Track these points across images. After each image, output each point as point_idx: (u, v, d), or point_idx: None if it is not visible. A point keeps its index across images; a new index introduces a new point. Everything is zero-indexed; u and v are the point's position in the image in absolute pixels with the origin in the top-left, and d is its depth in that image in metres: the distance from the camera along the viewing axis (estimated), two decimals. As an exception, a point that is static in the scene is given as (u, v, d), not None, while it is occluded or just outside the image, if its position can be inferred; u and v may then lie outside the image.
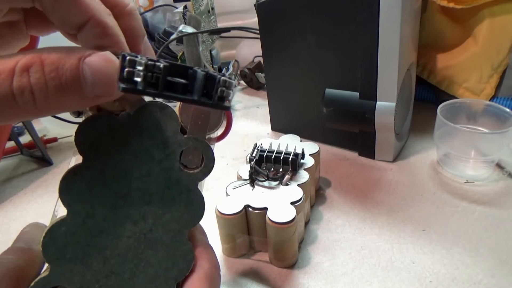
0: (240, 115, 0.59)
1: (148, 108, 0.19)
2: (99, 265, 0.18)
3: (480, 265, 0.30)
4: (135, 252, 0.18)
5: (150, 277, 0.19)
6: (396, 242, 0.33)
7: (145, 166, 0.19)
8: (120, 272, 0.18)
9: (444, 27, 0.50)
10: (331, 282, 0.30)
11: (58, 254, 0.17)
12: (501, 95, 0.48)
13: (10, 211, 0.43)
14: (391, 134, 0.42)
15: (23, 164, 0.52)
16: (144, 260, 0.19)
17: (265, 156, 0.36)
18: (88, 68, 0.15)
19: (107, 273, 0.18)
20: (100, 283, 0.18)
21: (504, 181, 0.40)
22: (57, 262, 0.17)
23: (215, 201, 0.32)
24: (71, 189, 0.17)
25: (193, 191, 0.19)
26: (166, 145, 0.19)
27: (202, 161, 0.19)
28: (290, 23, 0.44)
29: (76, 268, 0.17)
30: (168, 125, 0.19)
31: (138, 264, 0.18)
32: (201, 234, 0.21)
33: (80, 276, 0.18)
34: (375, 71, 0.39)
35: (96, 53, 0.15)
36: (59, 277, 0.17)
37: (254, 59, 0.67)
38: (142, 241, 0.19)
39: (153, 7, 0.83)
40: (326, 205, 0.39)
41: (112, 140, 0.18)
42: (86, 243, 0.18)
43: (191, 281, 0.19)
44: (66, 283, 0.17)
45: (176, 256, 0.19)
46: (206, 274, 0.19)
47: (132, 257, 0.18)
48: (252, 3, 0.49)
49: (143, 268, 0.19)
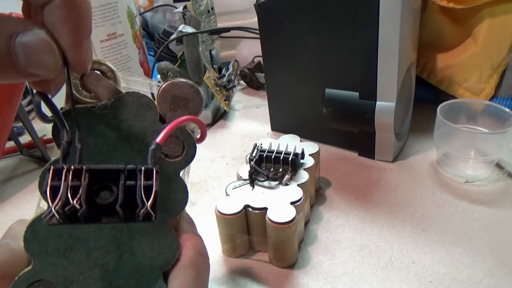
0: (240, 115, 0.59)
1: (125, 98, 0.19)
2: (82, 257, 0.18)
3: (480, 265, 0.30)
4: (118, 243, 0.18)
5: (135, 267, 0.18)
6: (396, 242, 0.33)
7: (124, 157, 0.19)
8: (103, 263, 0.18)
9: (444, 27, 0.50)
10: (331, 282, 0.30)
11: (40, 247, 0.17)
12: (501, 95, 0.48)
13: (10, 211, 0.43)
14: (391, 134, 0.42)
15: (23, 164, 0.52)
16: (127, 251, 0.18)
17: (265, 156, 0.36)
18: (20, 47, 0.14)
19: (90, 264, 0.18)
20: (84, 275, 0.18)
21: (504, 181, 0.40)
22: (39, 255, 0.17)
23: (215, 201, 0.32)
24: None
25: (175, 179, 0.19)
26: (145, 134, 0.19)
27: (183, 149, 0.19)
28: (290, 23, 0.44)
29: (59, 261, 0.17)
30: (146, 115, 0.19)
31: (122, 255, 0.18)
32: (187, 222, 0.20)
33: (63, 268, 0.18)
34: (375, 71, 0.39)
35: (31, 30, 0.15)
36: (42, 270, 0.17)
37: (254, 59, 0.67)
38: (125, 232, 0.18)
39: (153, 7, 0.83)
40: (326, 205, 0.39)
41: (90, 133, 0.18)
42: (68, 235, 0.18)
43: (176, 269, 0.18)
44: (50, 276, 0.17)
45: (161, 246, 0.19)
46: (191, 262, 0.19)
47: (115, 248, 0.18)
48: (252, 3, 0.49)
49: (128, 259, 0.18)
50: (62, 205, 0.14)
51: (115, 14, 0.54)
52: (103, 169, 0.16)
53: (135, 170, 0.16)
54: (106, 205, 0.15)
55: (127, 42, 0.57)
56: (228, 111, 0.59)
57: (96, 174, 0.15)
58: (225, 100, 0.58)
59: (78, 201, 0.15)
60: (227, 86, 0.59)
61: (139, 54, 0.60)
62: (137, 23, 0.60)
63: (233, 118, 0.59)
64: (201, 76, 0.56)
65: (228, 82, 0.59)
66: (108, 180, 0.16)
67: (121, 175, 0.16)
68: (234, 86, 0.60)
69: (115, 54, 0.56)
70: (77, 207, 0.15)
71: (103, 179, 0.16)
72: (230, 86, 0.59)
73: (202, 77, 0.56)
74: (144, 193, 0.16)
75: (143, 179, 0.16)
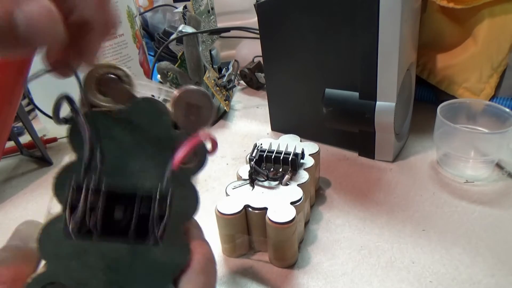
0: (240, 115, 0.59)
1: (141, 103, 0.19)
2: (95, 261, 0.18)
3: (480, 265, 0.30)
4: (132, 247, 0.18)
5: (147, 271, 0.19)
6: (396, 242, 0.33)
7: (138, 162, 0.19)
8: (116, 267, 0.18)
9: (444, 27, 0.50)
10: (331, 282, 0.30)
11: (54, 250, 0.17)
12: (500, 95, 0.48)
13: (10, 211, 0.43)
14: (391, 134, 0.42)
15: (23, 164, 0.52)
16: (140, 255, 0.18)
17: (265, 156, 0.36)
18: (21, 14, 0.14)
19: (103, 268, 0.18)
20: (96, 278, 0.18)
21: (503, 181, 0.40)
22: (53, 258, 0.17)
23: (215, 201, 0.32)
24: (65, 186, 0.17)
25: (187, 186, 0.19)
26: (159, 140, 0.19)
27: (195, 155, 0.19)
28: (290, 23, 0.44)
29: (72, 264, 0.17)
30: (161, 121, 0.19)
31: (134, 259, 0.18)
32: (195, 228, 0.21)
33: (76, 272, 0.17)
34: (375, 71, 0.39)
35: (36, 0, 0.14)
36: (56, 273, 0.17)
37: (254, 59, 0.67)
38: None
39: (153, 7, 0.83)
40: (326, 205, 0.39)
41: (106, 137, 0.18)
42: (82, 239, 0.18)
43: (187, 274, 0.19)
44: (63, 279, 0.17)
45: (172, 251, 0.19)
46: (202, 267, 0.19)
47: (128, 252, 0.18)
48: (252, 3, 0.49)
49: (140, 263, 0.18)
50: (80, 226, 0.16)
51: (115, 14, 0.54)
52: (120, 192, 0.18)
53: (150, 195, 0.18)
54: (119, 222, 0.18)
55: (127, 42, 0.57)
56: (228, 111, 0.59)
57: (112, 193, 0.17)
58: (225, 100, 0.58)
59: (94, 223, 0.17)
60: (227, 86, 0.59)
61: (139, 54, 0.60)
62: (137, 23, 0.60)
63: (233, 118, 0.59)
64: (201, 76, 0.56)
65: (228, 82, 0.59)
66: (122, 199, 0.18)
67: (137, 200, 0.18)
68: (234, 86, 0.60)
69: (115, 54, 0.56)
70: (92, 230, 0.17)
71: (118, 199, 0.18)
72: (230, 86, 0.59)
73: (202, 77, 0.56)
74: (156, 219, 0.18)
75: (157, 207, 0.18)
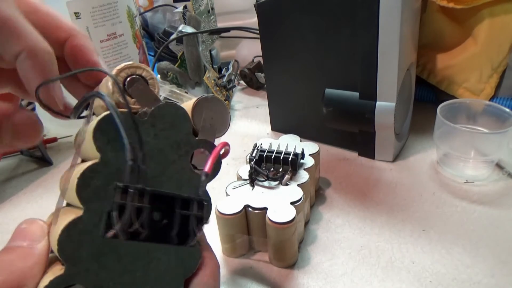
0: (240, 115, 0.59)
1: (164, 108, 0.19)
2: (113, 264, 0.18)
3: (480, 265, 0.30)
4: (147, 250, 0.19)
5: (161, 274, 0.19)
6: (396, 242, 0.33)
7: (159, 166, 0.19)
8: (132, 270, 0.18)
9: (444, 27, 0.50)
10: (331, 282, 0.30)
11: (74, 252, 0.17)
12: (501, 95, 0.48)
13: (10, 211, 0.43)
14: (391, 134, 0.42)
15: (23, 164, 0.52)
16: (155, 258, 0.19)
17: (265, 156, 0.36)
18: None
19: (121, 271, 0.18)
20: (114, 281, 0.18)
21: (504, 181, 0.40)
22: (72, 260, 0.17)
23: (215, 201, 0.32)
24: (88, 187, 0.17)
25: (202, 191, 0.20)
26: (179, 146, 0.20)
27: None
28: (290, 23, 0.44)
29: (91, 266, 0.17)
30: (182, 127, 0.19)
31: (150, 262, 0.19)
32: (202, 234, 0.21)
33: (95, 274, 0.17)
34: (375, 71, 0.39)
35: None
36: (75, 276, 0.17)
37: (254, 59, 0.67)
38: None
39: (153, 7, 0.83)
40: (326, 205, 0.39)
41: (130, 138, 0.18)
42: (101, 241, 0.17)
43: (199, 277, 0.20)
44: (81, 281, 0.17)
45: (185, 254, 0.19)
46: (212, 272, 0.20)
47: (144, 255, 0.18)
48: (252, 3, 0.49)
49: (155, 266, 0.19)
50: (128, 226, 0.17)
51: (115, 14, 0.54)
52: (163, 194, 0.18)
53: (187, 200, 0.19)
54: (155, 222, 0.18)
55: (127, 42, 0.57)
56: (228, 111, 0.59)
57: (154, 196, 0.18)
58: (225, 100, 0.58)
59: (141, 224, 0.17)
60: (227, 86, 0.59)
61: (139, 54, 0.60)
62: (137, 23, 0.60)
63: (233, 118, 0.59)
64: (201, 76, 0.56)
65: (228, 82, 0.59)
66: (162, 202, 0.18)
67: (176, 203, 0.18)
68: (234, 86, 0.60)
69: (115, 54, 0.56)
70: (140, 230, 0.17)
71: (159, 201, 0.18)
72: (230, 86, 0.59)
73: (202, 77, 0.56)
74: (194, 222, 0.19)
75: (196, 210, 0.19)
